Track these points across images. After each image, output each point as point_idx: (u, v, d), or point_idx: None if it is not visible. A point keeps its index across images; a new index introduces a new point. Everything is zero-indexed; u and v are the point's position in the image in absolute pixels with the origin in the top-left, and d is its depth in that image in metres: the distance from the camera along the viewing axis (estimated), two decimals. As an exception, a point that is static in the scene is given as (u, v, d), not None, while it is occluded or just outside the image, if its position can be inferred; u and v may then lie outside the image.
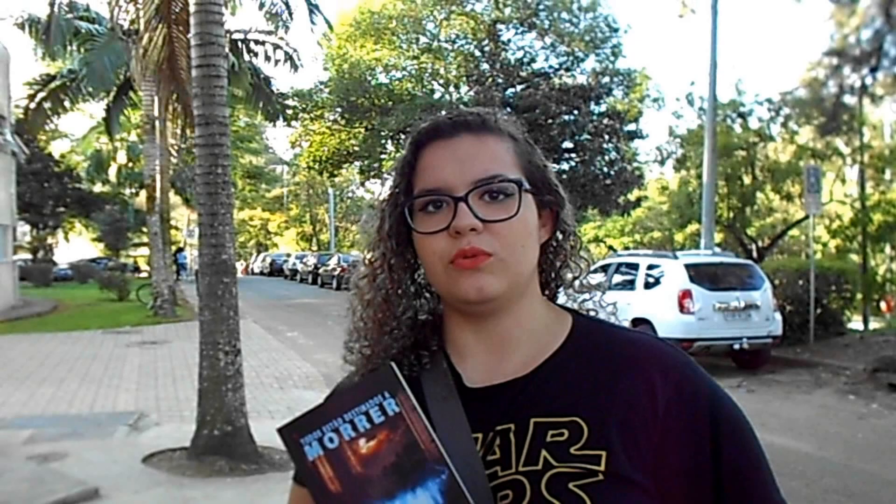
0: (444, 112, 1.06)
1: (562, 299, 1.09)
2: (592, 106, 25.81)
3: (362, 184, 45.65)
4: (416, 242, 1.01)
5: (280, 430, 0.87)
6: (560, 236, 1.07)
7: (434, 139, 1.02)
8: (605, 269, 12.15)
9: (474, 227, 0.94)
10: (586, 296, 1.08)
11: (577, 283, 1.08)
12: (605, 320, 1.07)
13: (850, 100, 16.74)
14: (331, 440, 0.85)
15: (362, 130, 30.59)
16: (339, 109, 30.42)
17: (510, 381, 0.98)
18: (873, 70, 14.96)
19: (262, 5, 16.98)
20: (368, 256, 1.07)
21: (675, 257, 11.93)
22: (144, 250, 41.43)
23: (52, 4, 16.56)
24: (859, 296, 15.69)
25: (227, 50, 7.21)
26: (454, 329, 1.04)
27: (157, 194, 19.80)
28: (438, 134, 1.02)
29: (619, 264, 12.46)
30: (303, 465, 0.86)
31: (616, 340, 1.01)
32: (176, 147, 28.62)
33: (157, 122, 19.27)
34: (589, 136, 24.78)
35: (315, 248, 54.33)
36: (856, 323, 16.16)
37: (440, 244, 0.96)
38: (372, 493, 0.84)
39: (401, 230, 1.03)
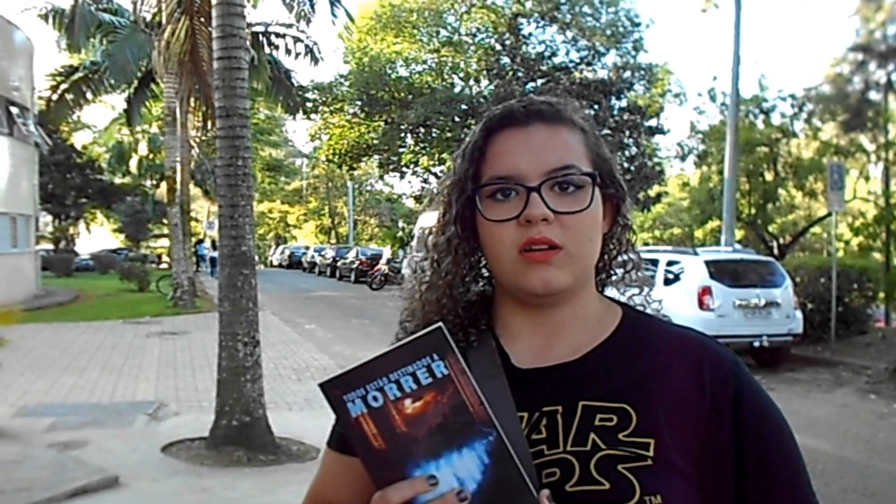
0: (513, 101, 1.05)
1: (610, 292, 1.10)
2: (613, 101, 25.69)
3: (381, 177, 45.81)
4: (482, 229, 1.00)
5: (322, 386, 0.87)
6: (617, 230, 1.08)
7: (507, 126, 1.01)
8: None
9: (546, 217, 0.95)
10: (635, 290, 1.09)
11: (627, 276, 1.09)
12: (654, 315, 1.08)
13: (875, 96, 16.57)
14: (375, 399, 0.85)
15: (382, 124, 30.63)
16: (358, 103, 30.47)
17: (559, 365, 0.99)
18: (899, 66, 14.76)
19: (284, 0, 17.00)
20: (432, 240, 1.07)
21: (696, 253, 11.85)
22: (165, 241, 41.75)
23: (75, -4, 16.67)
24: (882, 294, 15.49)
25: (248, 42, 7.23)
26: (506, 312, 1.05)
27: (178, 186, 19.91)
28: (511, 121, 1.01)
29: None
30: (346, 421, 0.86)
31: (666, 334, 1.03)
32: (197, 139, 28.78)
33: (178, 114, 19.37)
34: (609, 131, 24.64)
35: (334, 240, 54.49)
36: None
37: (509, 233, 0.96)
38: (417, 451, 0.85)
39: (466, 216, 1.03)
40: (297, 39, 20.26)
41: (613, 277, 1.10)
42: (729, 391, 0.97)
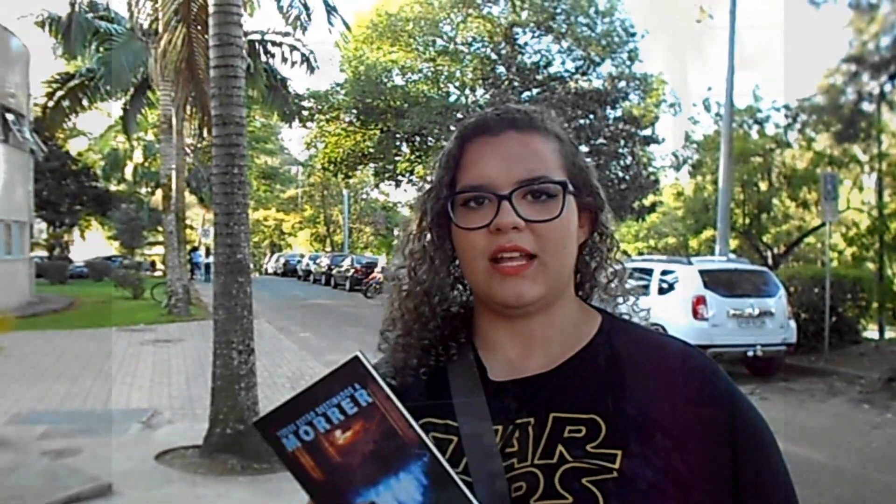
0: (487, 110, 1.06)
1: (597, 302, 1.09)
2: (608, 110, 25.79)
3: (377, 185, 45.91)
4: (456, 236, 1.01)
5: (255, 424, 0.90)
6: (597, 238, 1.07)
7: (480, 135, 1.02)
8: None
9: (516, 225, 0.95)
10: (620, 300, 1.09)
11: (611, 286, 1.08)
12: (637, 323, 1.07)
13: (868, 107, 16.64)
14: (306, 433, 0.87)
15: (377, 132, 30.67)
16: (354, 111, 30.51)
17: (533, 377, 0.99)
18: (892, 77, 14.87)
19: (280, 9, 17.03)
20: (409, 248, 1.07)
21: (690, 263, 11.87)
22: (159, 249, 41.64)
23: (72, 3, 16.70)
24: (875, 304, 15.52)
25: (244, 51, 7.24)
26: (485, 324, 1.04)
27: (173, 193, 19.91)
28: (485, 130, 1.02)
29: (633, 269, 12.35)
30: (283, 456, 0.89)
31: (643, 343, 1.02)
32: (192, 147, 28.77)
33: (174, 122, 19.37)
34: (604, 141, 24.74)
35: (329, 249, 54.41)
36: (871, 332, 16.02)
37: (480, 240, 0.97)
38: (355, 480, 0.86)
39: (442, 223, 1.03)
40: (293, 48, 20.30)
41: (597, 287, 1.09)
42: (723, 408, 0.96)
